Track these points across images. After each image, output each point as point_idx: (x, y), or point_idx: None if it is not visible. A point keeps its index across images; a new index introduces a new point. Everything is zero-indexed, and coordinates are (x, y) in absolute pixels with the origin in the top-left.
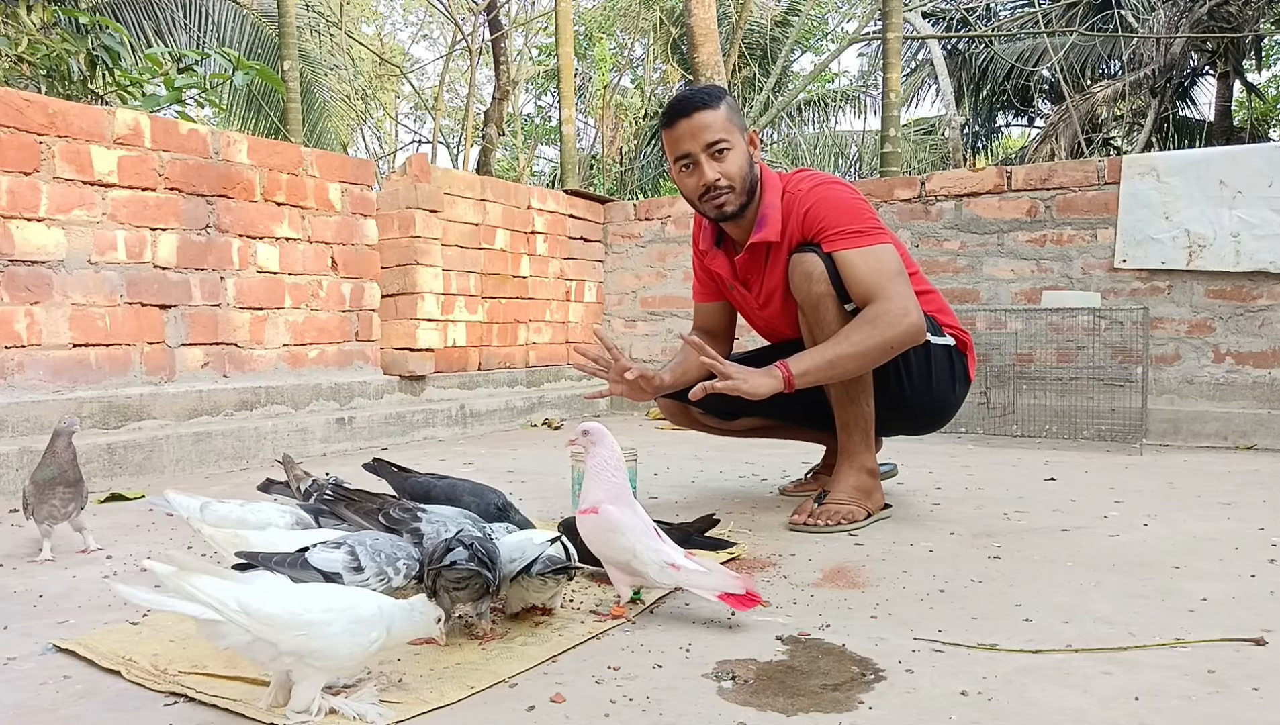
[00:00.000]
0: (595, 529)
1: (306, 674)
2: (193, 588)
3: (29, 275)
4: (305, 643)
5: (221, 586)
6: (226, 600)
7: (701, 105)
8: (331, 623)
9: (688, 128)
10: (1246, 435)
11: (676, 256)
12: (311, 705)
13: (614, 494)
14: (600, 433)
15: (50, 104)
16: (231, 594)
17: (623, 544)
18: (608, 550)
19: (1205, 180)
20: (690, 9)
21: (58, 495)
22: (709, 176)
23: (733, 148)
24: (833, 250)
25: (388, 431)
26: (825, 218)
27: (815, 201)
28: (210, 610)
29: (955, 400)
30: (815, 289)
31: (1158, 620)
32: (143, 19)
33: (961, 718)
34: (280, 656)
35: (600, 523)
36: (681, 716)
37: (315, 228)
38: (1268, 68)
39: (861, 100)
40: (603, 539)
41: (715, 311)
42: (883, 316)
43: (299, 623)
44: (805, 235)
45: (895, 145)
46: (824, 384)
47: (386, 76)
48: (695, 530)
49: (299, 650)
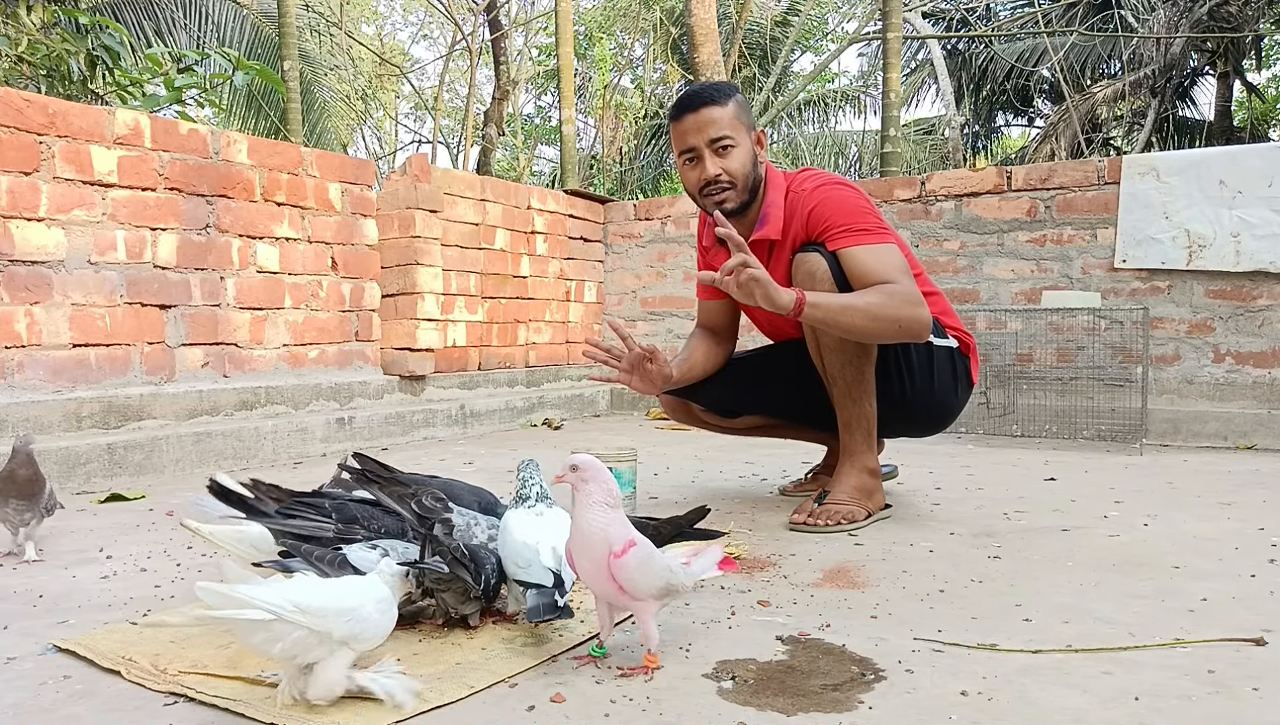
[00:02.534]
0: (641, 563)
1: (339, 657)
2: (250, 598)
3: (29, 275)
4: (353, 627)
5: (273, 591)
6: (281, 603)
7: (710, 101)
8: (364, 605)
9: (694, 122)
10: (1246, 435)
11: (676, 256)
12: (336, 687)
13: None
14: (592, 467)
15: (50, 104)
16: (282, 595)
17: (660, 565)
18: (650, 581)
19: (1205, 180)
20: (690, 9)
21: (10, 505)
22: (710, 171)
23: (737, 145)
24: (836, 248)
25: (388, 431)
26: (830, 217)
27: (820, 201)
28: (269, 614)
29: (957, 403)
30: (818, 289)
31: (1158, 620)
32: (143, 19)
33: (961, 718)
34: (325, 644)
35: (641, 553)
36: (681, 716)
37: (315, 228)
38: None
39: (861, 100)
40: (644, 572)
41: (719, 309)
42: (898, 293)
43: (345, 609)
44: (809, 234)
45: (895, 145)
46: (826, 328)
47: (386, 76)
48: (686, 523)
49: (349, 634)
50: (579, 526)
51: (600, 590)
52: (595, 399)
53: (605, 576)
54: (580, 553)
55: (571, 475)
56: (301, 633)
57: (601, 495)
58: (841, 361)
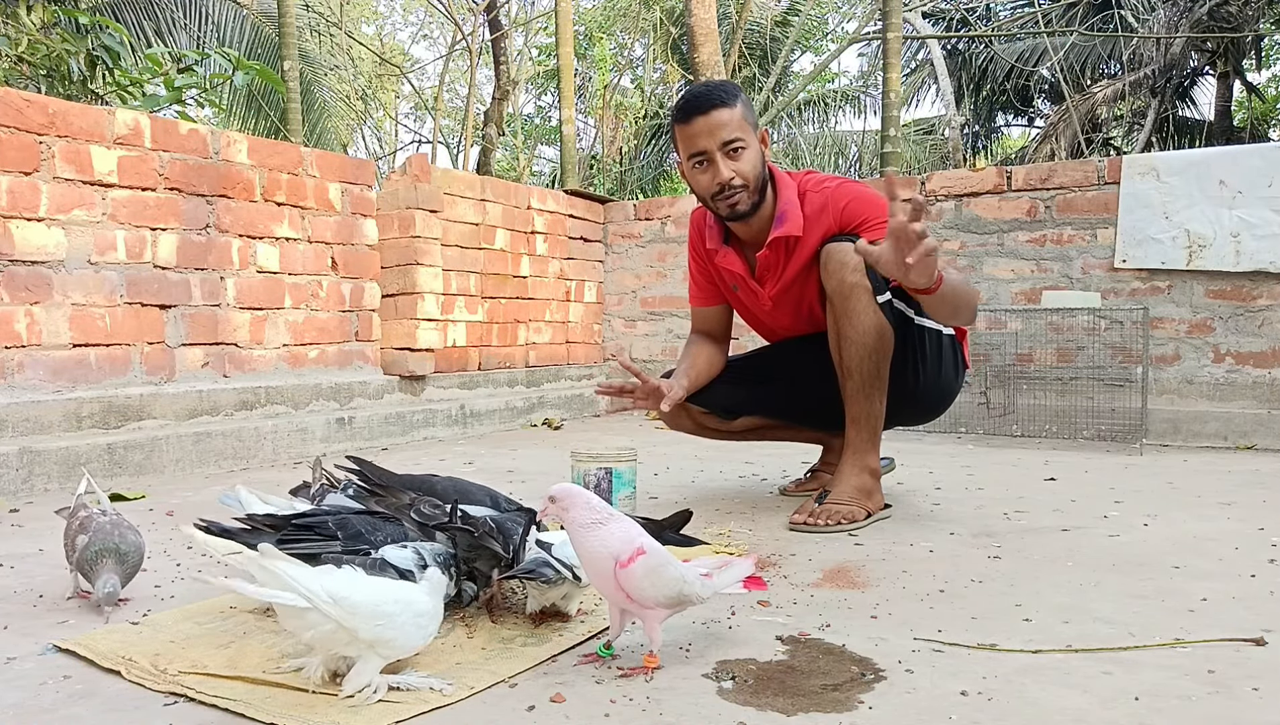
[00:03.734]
0: (649, 573)
1: (370, 660)
2: (289, 577)
3: (29, 275)
4: (381, 632)
5: (313, 576)
6: (317, 589)
7: (719, 103)
8: (400, 614)
9: (704, 125)
10: (1246, 435)
11: (676, 256)
12: (367, 686)
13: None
14: (566, 494)
15: (50, 104)
16: (321, 583)
17: (673, 574)
18: (659, 590)
19: (1205, 180)
20: (690, 9)
21: None
22: (724, 175)
23: (747, 147)
24: (876, 239)
25: (388, 431)
26: (865, 212)
27: (853, 197)
28: (302, 599)
29: (957, 387)
30: (850, 278)
31: (1158, 620)
32: (143, 19)
33: (961, 718)
34: (354, 643)
35: (650, 563)
36: (681, 716)
37: (315, 228)
38: (1268, 68)
39: (861, 100)
40: (655, 578)
41: (714, 315)
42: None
43: (379, 613)
44: (843, 228)
45: (895, 145)
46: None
47: (386, 76)
48: (669, 526)
49: (374, 639)
50: (580, 552)
51: (611, 598)
52: (595, 399)
53: (614, 586)
54: (590, 571)
55: (553, 508)
56: (331, 626)
57: (586, 517)
58: (862, 355)
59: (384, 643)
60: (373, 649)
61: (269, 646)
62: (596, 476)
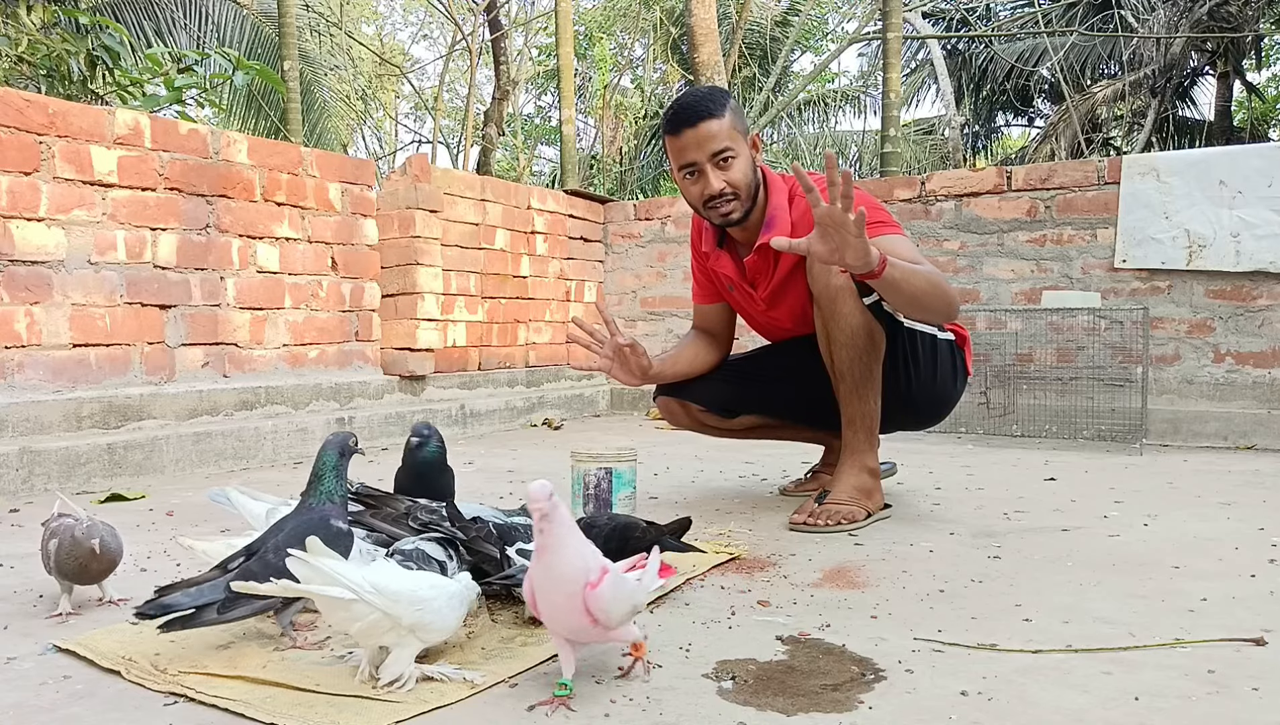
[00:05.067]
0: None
1: (408, 646)
2: (336, 573)
3: (29, 275)
4: (422, 616)
5: (356, 571)
6: (360, 581)
7: (707, 114)
8: (436, 598)
9: (693, 137)
10: (1246, 435)
11: (676, 256)
12: (403, 675)
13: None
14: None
15: (50, 104)
16: (363, 577)
17: (629, 588)
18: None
19: (1205, 180)
20: (690, 9)
21: None
22: (715, 186)
23: (738, 155)
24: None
25: (388, 431)
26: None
27: None
28: (349, 592)
29: (956, 394)
30: (834, 281)
31: (1158, 620)
32: (143, 19)
33: (961, 718)
34: (395, 629)
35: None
36: (681, 716)
37: (315, 228)
38: (1268, 68)
39: (861, 100)
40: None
41: (715, 313)
42: (941, 277)
43: (418, 599)
44: None
45: (895, 145)
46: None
47: (386, 76)
48: (669, 533)
49: (416, 623)
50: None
51: (569, 626)
52: (595, 399)
53: (579, 610)
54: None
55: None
56: (376, 615)
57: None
58: (851, 357)
59: (423, 626)
60: (413, 633)
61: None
62: (596, 476)
